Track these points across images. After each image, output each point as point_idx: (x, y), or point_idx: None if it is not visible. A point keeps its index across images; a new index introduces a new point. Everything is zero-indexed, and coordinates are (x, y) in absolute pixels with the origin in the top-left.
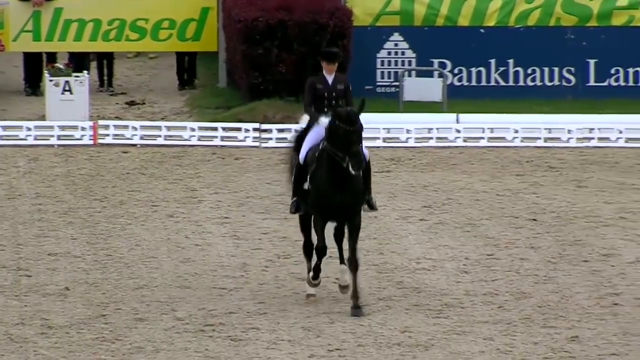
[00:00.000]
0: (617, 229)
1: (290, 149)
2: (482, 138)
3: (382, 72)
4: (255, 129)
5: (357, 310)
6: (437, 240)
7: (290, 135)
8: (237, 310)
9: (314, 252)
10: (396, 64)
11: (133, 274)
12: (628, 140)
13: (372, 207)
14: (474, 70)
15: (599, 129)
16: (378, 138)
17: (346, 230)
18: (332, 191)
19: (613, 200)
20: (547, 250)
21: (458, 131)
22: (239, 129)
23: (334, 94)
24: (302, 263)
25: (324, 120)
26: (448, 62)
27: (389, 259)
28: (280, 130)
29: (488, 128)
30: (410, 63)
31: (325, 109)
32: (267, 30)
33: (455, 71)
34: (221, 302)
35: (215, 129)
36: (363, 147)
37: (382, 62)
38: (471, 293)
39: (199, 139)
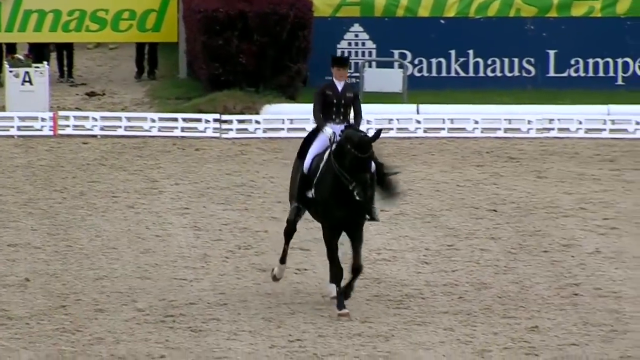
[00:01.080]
0: (577, 220)
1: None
2: (443, 129)
3: None
4: (215, 120)
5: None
6: (398, 231)
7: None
8: (198, 301)
9: (334, 276)
10: (356, 55)
11: (93, 265)
12: (588, 130)
13: (372, 218)
14: (434, 61)
15: (558, 119)
16: None
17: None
18: (337, 206)
19: (573, 190)
20: (507, 241)
21: (418, 122)
22: (199, 120)
23: (343, 101)
24: (263, 254)
25: (328, 130)
26: (408, 53)
27: (350, 249)
28: (241, 121)
29: (448, 119)
30: (370, 54)
31: (334, 116)
32: (227, 21)
33: (416, 62)
34: (181, 293)
35: (176, 119)
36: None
37: (343, 52)
38: (431, 283)
39: (159, 130)
